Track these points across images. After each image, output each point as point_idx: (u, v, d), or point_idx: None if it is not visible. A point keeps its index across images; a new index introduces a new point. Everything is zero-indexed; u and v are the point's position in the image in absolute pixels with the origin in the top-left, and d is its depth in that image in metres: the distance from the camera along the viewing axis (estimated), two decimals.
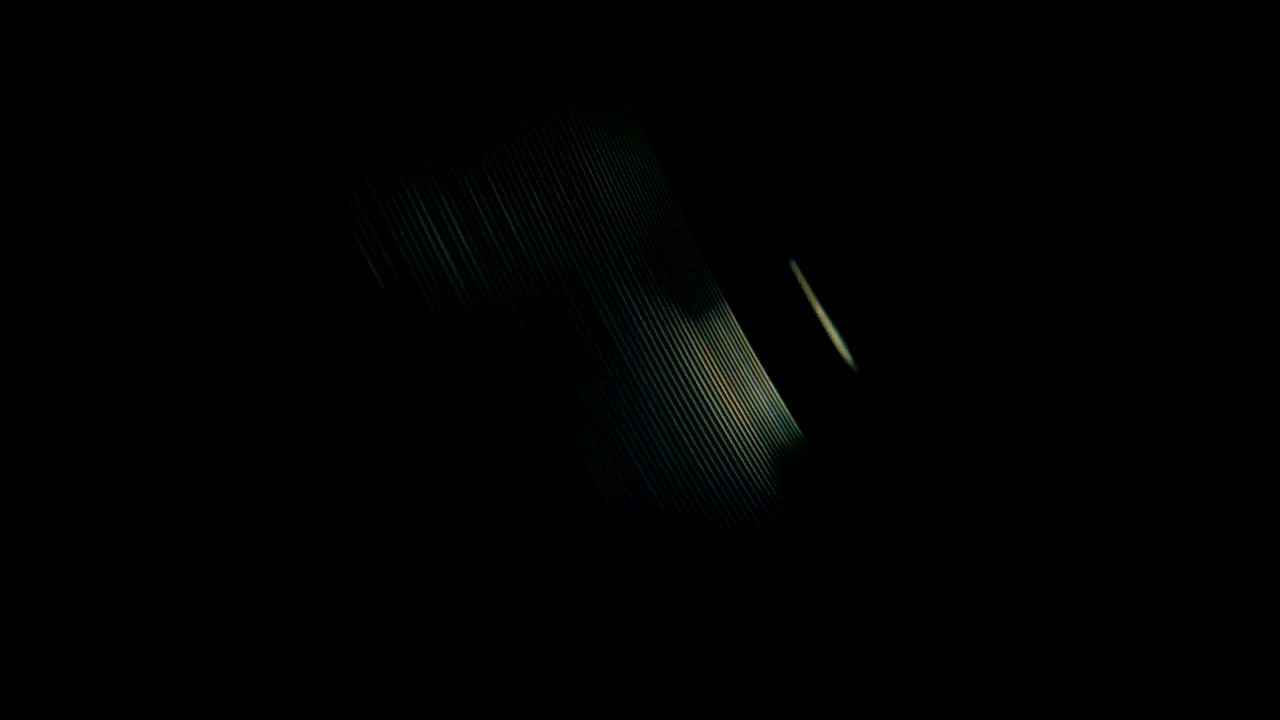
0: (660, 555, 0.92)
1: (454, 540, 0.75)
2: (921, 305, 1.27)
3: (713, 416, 1.08)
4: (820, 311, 1.24)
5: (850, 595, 1.11)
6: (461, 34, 0.92)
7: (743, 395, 1.15)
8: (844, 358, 1.21)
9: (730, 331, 1.19)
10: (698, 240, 1.21)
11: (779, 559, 1.04)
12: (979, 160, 1.22)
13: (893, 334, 1.28)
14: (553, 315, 0.93)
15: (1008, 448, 1.24)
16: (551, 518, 0.83)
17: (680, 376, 1.06)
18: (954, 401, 1.26)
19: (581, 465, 0.88)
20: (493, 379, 0.83)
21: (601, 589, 0.84)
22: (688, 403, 1.05)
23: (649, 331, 1.04)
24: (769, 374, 1.21)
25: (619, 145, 1.12)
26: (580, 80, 1.08)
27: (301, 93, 0.76)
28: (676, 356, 1.07)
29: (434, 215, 0.85)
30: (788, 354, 1.25)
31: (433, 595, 0.73)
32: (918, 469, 1.26)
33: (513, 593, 0.77)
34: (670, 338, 1.07)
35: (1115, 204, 1.18)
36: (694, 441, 1.03)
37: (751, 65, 1.25)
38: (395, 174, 0.82)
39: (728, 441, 1.08)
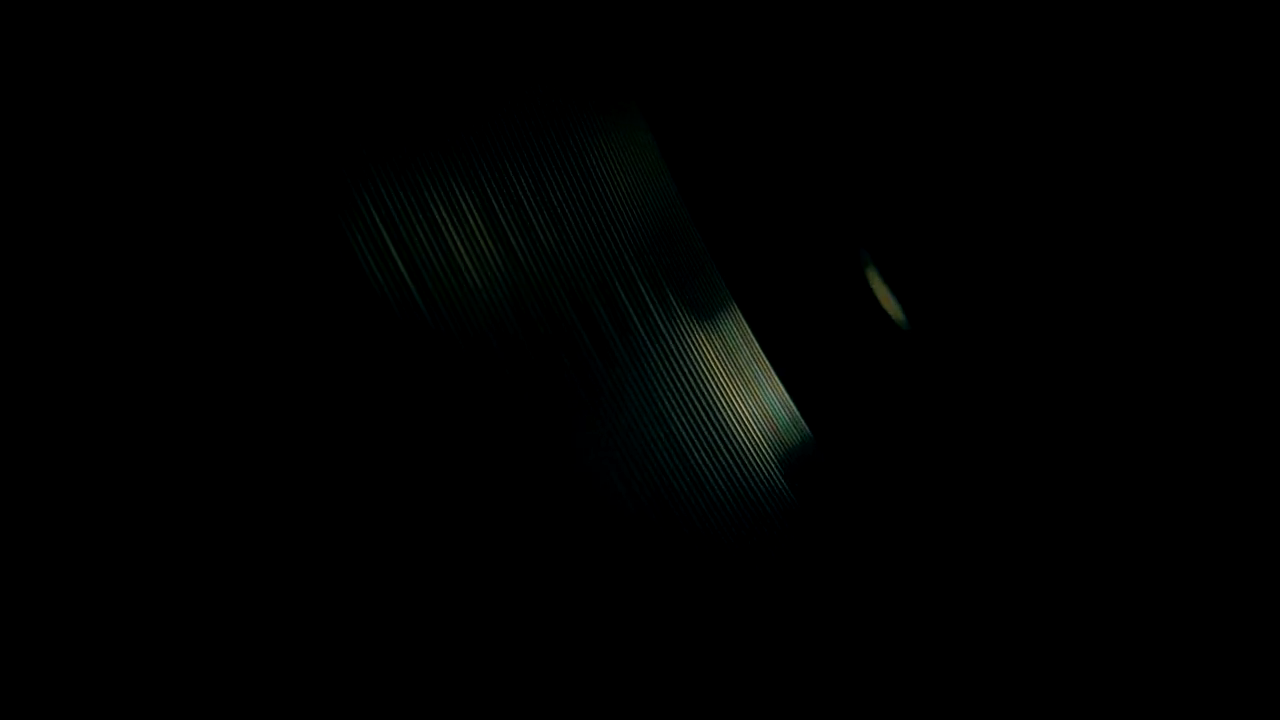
0: (669, 550, 0.92)
1: (467, 534, 0.75)
2: (938, 301, 1.26)
3: (722, 415, 1.08)
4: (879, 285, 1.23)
5: (856, 591, 1.11)
6: (473, 34, 0.93)
7: (751, 394, 1.15)
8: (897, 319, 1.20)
9: (739, 330, 1.19)
10: (705, 239, 1.21)
11: (785, 553, 1.05)
12: (985, 156, 1.22)
13: (899, 334, 1.27)
14: (563, 314, 0.93)
15: (1010, 448, 1.24)
16: (563, 513, 0.83)
17: (691, 375, 1.06)
18: (956, 402, 1.26)
19: (593, 461, 0.88)
20: (507, 376, 0.83)
21: (610, 584, 0.84)
22: (699, 402, 1.05)
23: (660, 330, 1.04)
24: (777, 373, 1.21)
25: (626, 143, 1.12)
26: (588, 79, 1.08)
27: (309, 93, 0.76)
28: (688, 355, 1.07)
29: (452, 214, 0.86)
30: (797, 353, 1.24)
31: (443, 590, 0.73)
32: (925, 468, 1.26)
33: (522, 588, 0.78)
34: (681, 336, 1.07)
35: (1129, 204, 1.18)
36: (705, 440, 1.03)
37: (758, 63, 1.25)
38: (406, 173, 0.83)
39: (737, 439, 1.08)
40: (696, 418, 1.05)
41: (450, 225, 0.86)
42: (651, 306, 1.05)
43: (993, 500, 1.23)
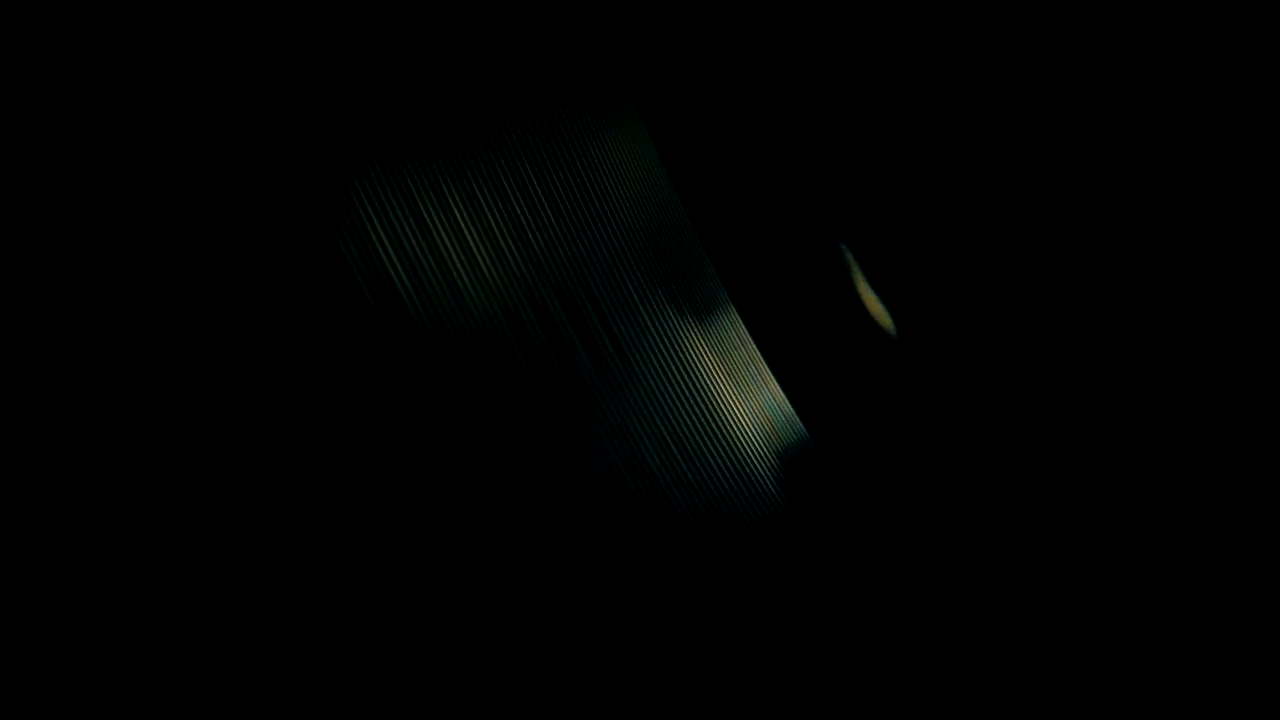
0: (664, 550, 0.92)
1: (463, 537, 0.76)
2: (929, 305, 1.27)
3: (718, 415, 1.08)
4: (865, 289, 1.23)
5: (853, 591, 1.11)
6: (467, 34, 0.93)
7: (748, 395, 1.15)
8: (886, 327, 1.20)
9: (735, 331, 1.20)
10: (702, 241, 1.21)
11: (782, 554, 1.05)
12: (983, 158, 1.22)
13: (897, 334, 1.28)
14: (558, 314, 0.93)
15: (1010, 448, 1.24)
16: (556, 515, 0.83)
17: (687, 375, 1.06)
18: (956, 402, 1.26)
19: (588, 462, 0.88)
20: (500, 377, 0.84)
21: (606, 585, 0.85)
22: (695, 402, 1.05)
23: (655, 330, 1.05)
24: (774, 374, 1.22)
25: (623, 144, 1.12)
26: (585, 81, 1.08)
27: (299, 94, 0.76)
28: (683, 355, 1.07)
29: (443, 214, 0.86)
30: (794, 354, 1.25)
31: (438, 591, 0.73)
32: (922, 468, 1.26)
33: (517, 589, 0.78)
34: (676, 336, 1.08)
35: (1126, 204, 1.18)
36: (701, 441, 1.04)
37: (757, 64, 1.25)
38: (397, 173, 0.83)
39: (733, 439, 1.08)
40: (692, 418, 1.05)
41: (441, 226, 0.86)
42: (647, 308, 1.05)
43: (990, 499, 1.24)
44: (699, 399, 1.07)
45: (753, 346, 1.21)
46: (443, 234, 0.86)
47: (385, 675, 0.69)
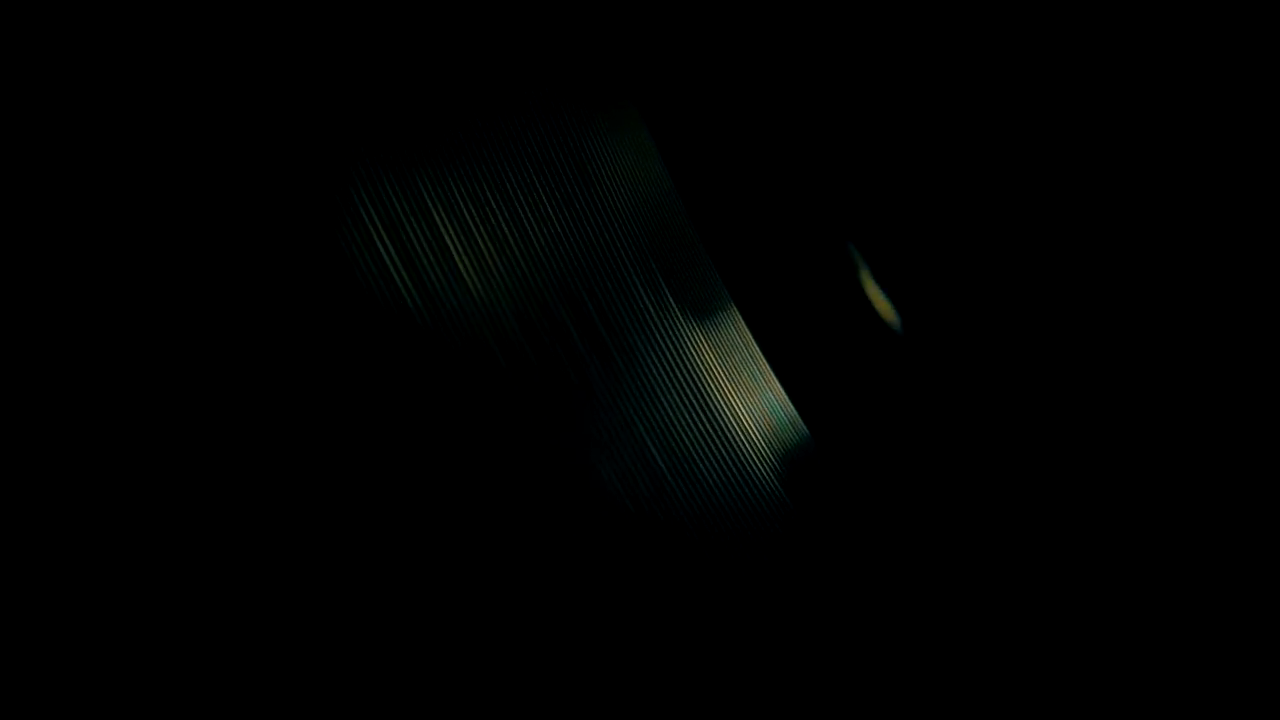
0: (669, 549, 0.92)
1: (466, 535, 0.75)
2: (933, 303, 1.27)
3: (721, 415, 1.08)
4: (871, 287, 1.23)
5: (854, 590, 1.11)
6: (470, 36, 0.93)
7: (749, 393, 1.15)
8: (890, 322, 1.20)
9: (737, 330, 1.19)
10: (703, 240, 1.21)
11: (783, 552, 1.05)
12: (984, 155, 1.22)
13: (895, 334, 1.28)
14: (561, 314, 0.93)
15: (1010, 449, 1.24)
16: (561, 513, 0.83)
17: (689, 375, 1.06)
18: (956, 402, 1.26)
19: (593, 459, 0.88)
20: (505, 376, 0.84)
21: (609, 584, 0.85)
22: (697, 402, 1.05)
23: (659, 330, 1.05)
24: (776, 373, 1.21)
25: (626, 145, 1.12)
26: (586, 80, 1.08)
27: (306, 96, 0.76)
28: (685, 355, 1.07)
29: (449, 214, 0.86)
30: (795, 353, 1.25)
31: (438, 589, 0.73)
32: (924, 467, 1.26)
33: (518, 588, 0.78)
34: (679, 336, 1.07)
35: (1127, 203, 1.18)
36: (703, 440, 1.03)
37: (757, 63, 1.25)
38: (402, 174, 0.83)
39: (735, 437, 1.08)
40: (694, 416, 1.05)
41: (447, 226, 0.86)
42: (649, 307, 1.05)
43: (991, 499, 1.23)
44: (700, 398, 1.07)
45: (754, 346, 1.21)
46: (447, 234, 0.86)
47: (380, 675, 0.69)
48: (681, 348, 1.07)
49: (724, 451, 1.06)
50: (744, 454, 1.09)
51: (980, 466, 1.24)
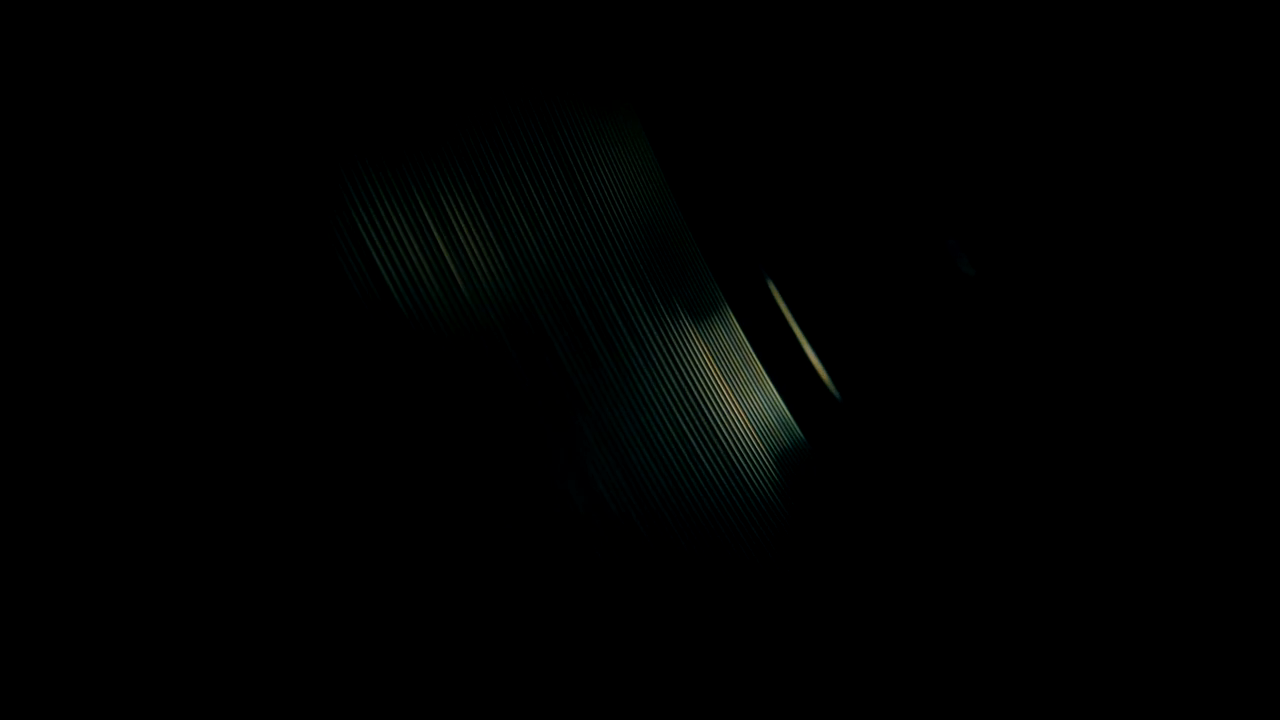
0: (660, 555, 0.91)
1: (456, 543, 0.75)
2: (916, 310, 1.27)
3: (715, 419, 1.08)
4: (796, 329, 1.24)
5: (851, 595, 1.11)
6: (462, 35, 0.92)
7: (744, 398, 1.15)
8: (823, 380, 1.21)
9: (731, 334, 1.19)
10: (699, 243, 1.21)
11: (778, 557, 1.04)
12: (982, 157, 1.22)
13: (893, 335, 1.28)
14: (556, 315, 0.93)
15: (1009, 449, 1.24)
16: (552, 519, 0.83)
17: (682, 378, 1.06)
18: (955, 402, 1.26)
19: (582, 466, 0.88)
20: (496, 379, 0.83)
21: (601, 590, 0.84)
22: (690, 405, 1.05)
23: (651, 333, 1.04)
24: (770, 377, 1.21)
25: (620, 146, 1.12)
26: (581, 80, 1.08)
27: (300, 94, 0.76)
28: (678, 358, 1.07)
29: (436, 215, 0.85)
30: (789, 357, 1.24)
31: (433, 599, 0.72)
32: (920, 470, 1.26)
33: (506, 594, 0.77)
34: (672, 339, 1.07)
35: (1106, 203, 1.18)
36: (696, 443, 1.03)
37: (756, 65, 1.25)
38: (391, 175, 0.82)
39: (729, 444, 1.08)
40: (688, 421, 1.04)
41: (435, 228, 0.85)
42: (642, 309, 1.05)
43: (989, 500, 1.23)
44: (695, 401, 1.06)
45: (749, 349, 1.21)
46: (436, 235, 0.85)
47: (375, 677, 0.69)
48: (676, 350, 1.07)
49: (718, 454, 1.06)
50: (739, 457, 1.08)
51: (977, 468, 1.24)
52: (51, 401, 0.59)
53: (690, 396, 1.06)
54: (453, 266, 0.85)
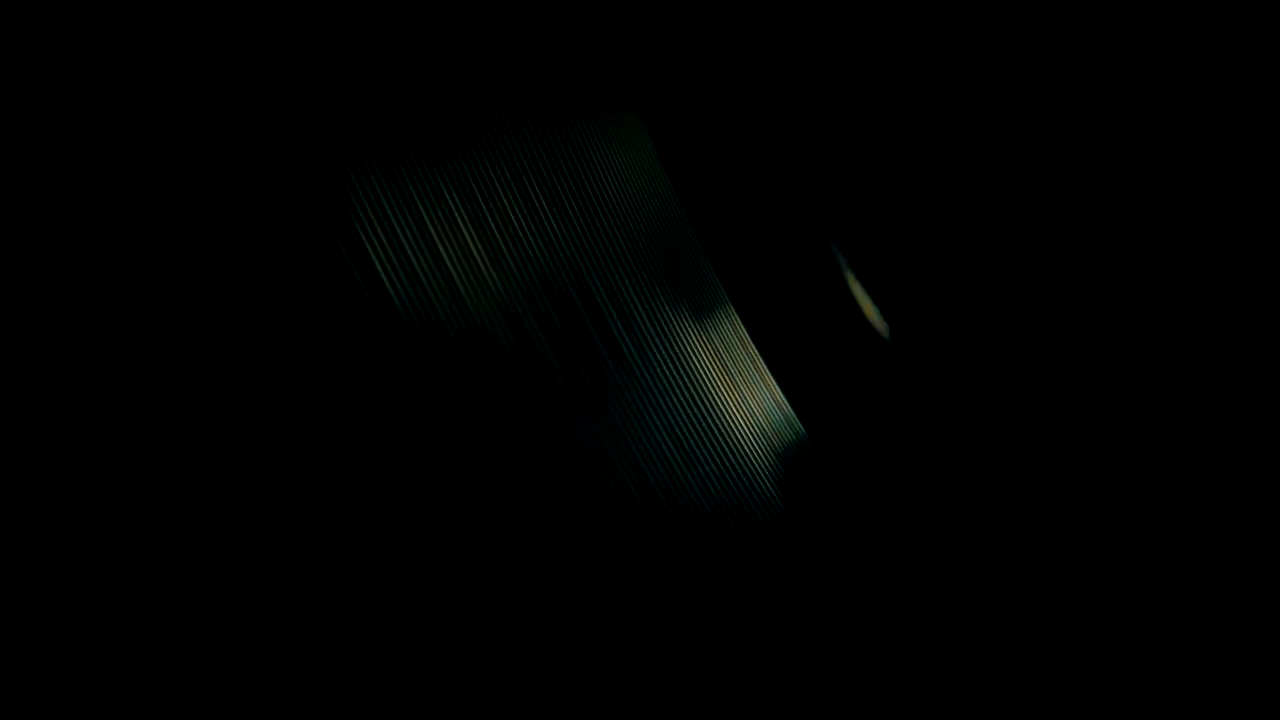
0: (665, 551, 0.92)
1: (463, 538, 0.76)
2: (928, 305, 1.27)
3: (718, 416, 1.08)
4: (858, 291, 1.23)
5: (852, 591, 1.11)
6: (467, 37, 0.93)
7: (746, 395, 1.16)
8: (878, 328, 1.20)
9: (735, 332, 1.20)
10: (702, 241, 1.21)
11: (779, 553, 1.05)
12: (983, 159, 1.22)
13: (895, 335, 1.28)
14: (559, 315, 0.93)
15: (1009, 450, 1.24)
16: (557, 515, 0.83)
17: (686, 376, 1.06)
18: (955, 402, 1.26)
19: (588, 463, 0.88)
20: (500, 379, 0.84)
21: (607, 585, 0.85)
22: (694, 403, 1.05)
23: (655, 331, 1.05)
24: (773, 374, 1.22)
25: (624, 147, 1.12)
26: (585, 82, 1.08)
27: (305, 95, 0.76)
28: (682, 356, 1.07)
29: (442, 217, 0.86)
30: (793, 354, 1.25)
31: (439, 593, 0.73)
32: (922, 467, 1.26)
33: (511, 590, 0.78)
34: (675, 337, 1.08)
35: (1126, 201, 1.18)
36: (700, 441, 1.04)
37: (757, 66, 1.25)
38: (395, 176, 0.83)
39: (734, 440, 1.08)
40: (691, 419, 1.05)
41: (439, 228, 0.86)
42: (646, 309, 1.05)
43: (988, 498, 1.24)
44: (698, 399, 1.07)
45: (752, 347, 1.21)
46: (441, 236, 0.86)
47: (376, 676, 0.70)
48: (679, 349, 1.08)
49: (721, 451, 1.06)
50: (741, 453, 1.09)
51: (976, 466, 1.24)
52: (55, 404, 0.60)
53: (695, 392, 1.06)
54: (457, 269, 0.86)
